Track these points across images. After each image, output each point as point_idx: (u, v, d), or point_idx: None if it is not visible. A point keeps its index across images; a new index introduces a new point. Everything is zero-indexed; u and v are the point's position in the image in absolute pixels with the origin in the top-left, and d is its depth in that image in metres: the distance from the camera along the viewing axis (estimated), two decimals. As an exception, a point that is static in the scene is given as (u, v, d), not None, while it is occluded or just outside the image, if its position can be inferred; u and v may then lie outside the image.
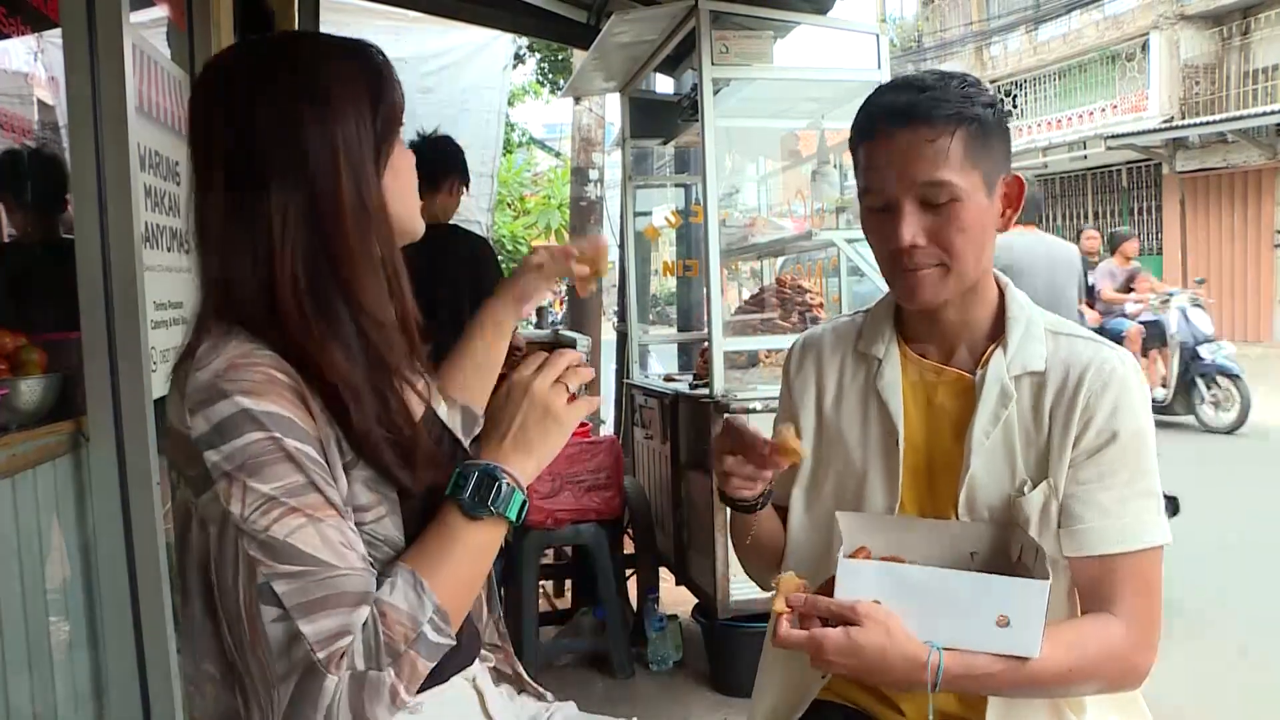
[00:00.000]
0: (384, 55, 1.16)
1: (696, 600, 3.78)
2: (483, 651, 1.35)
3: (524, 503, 1.08)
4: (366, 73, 1.12)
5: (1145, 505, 1.28)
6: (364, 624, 0.97)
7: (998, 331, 1.37)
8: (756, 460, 1.33)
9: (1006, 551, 1.30)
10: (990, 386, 1.34)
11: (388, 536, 1.07)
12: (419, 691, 1.11)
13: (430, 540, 1.06)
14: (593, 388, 5.15)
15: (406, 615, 0.99)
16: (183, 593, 1.09)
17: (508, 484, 1.06)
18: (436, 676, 1.14)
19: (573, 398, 1.14)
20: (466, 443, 1.41)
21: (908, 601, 1.17)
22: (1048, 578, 1.15)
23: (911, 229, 1.27)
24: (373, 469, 1.07)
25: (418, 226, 1.21)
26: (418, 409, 1.17)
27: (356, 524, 1.05)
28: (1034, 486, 1.31)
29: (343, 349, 1.06)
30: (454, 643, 1.03)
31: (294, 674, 0.96)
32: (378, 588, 1.01)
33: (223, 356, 1.01)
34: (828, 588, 1.20)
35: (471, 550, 1.07)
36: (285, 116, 1.06)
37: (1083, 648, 1.23)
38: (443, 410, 1.31)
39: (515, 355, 4.24)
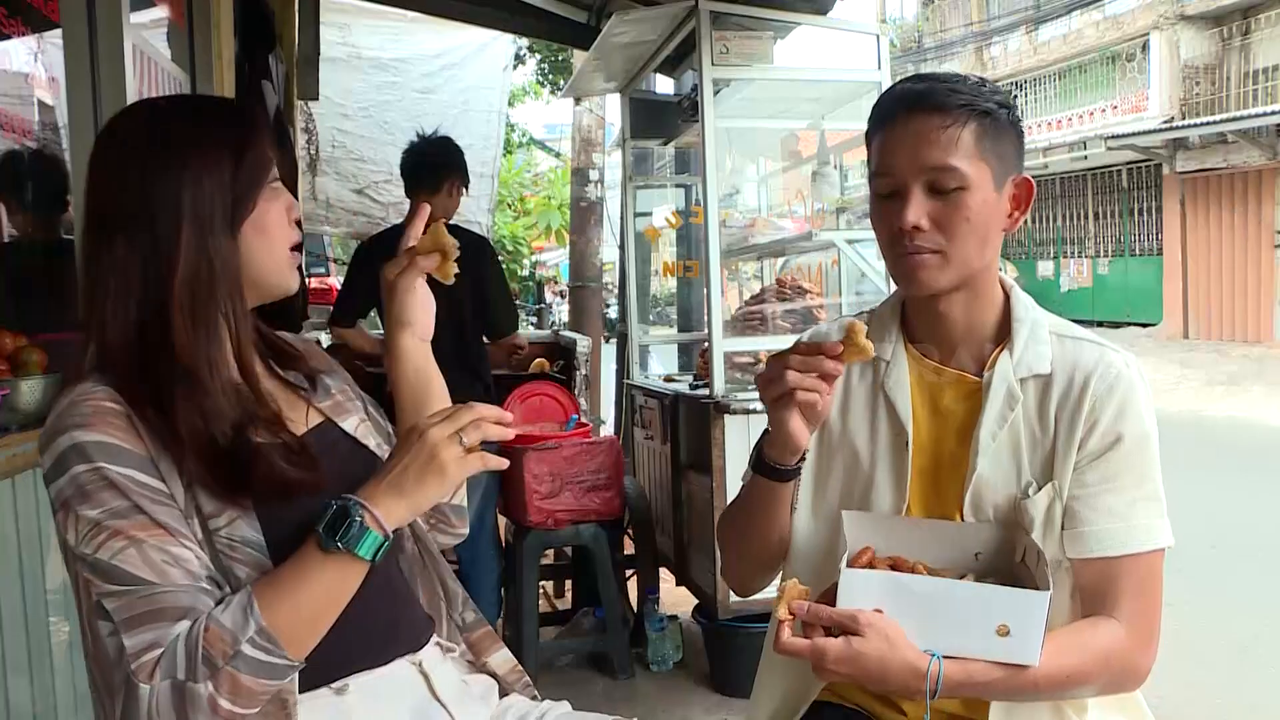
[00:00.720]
0: (261, 111, 1.23)
1: (696, 601, 3.78)
2: (444, 643, 1.36)
3: (381, 544, 1.08)
4: (230, 130, 1.20)
5: (1149, 508, 1.29)
6: (183, 636, 1.03)
7: (1003, 334, 1.37)
8: (829, 361, 1.25)
9: (1011, 553, 1.30)
10: (997, 389, 1.34)
11: (245, 537, 1.12)
12: (351, 674, 1.20)
13: (284, 566, 1.10)
14: (593, 398, 5.14)
15: (229, 633, 1.03)
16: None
17: (362, 522, 1.07)
18: (373, 659, 1.22)
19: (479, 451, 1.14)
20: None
21: (909, 610, 1.18)
22: (1048, 583, 1.16)
23: (916, 212, 1.28)
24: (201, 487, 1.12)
25: (287, 281, 1.25)
26: (299, 428, 1.24)
27: (210, 530, 1.10)
28: (1039, 488, 1.31)
29: (170, 390, 1.12)
30: (290, 663, 1.06)
31: (124, 685, 1.03)
32: (219, 604, 1.07)
33: (67, 398, 1.12)
34: (830, 595, 1.21)
35: (319, 582, 1.08)
36: (138, 174, 1.15)
37: (1083, 652, 1.24)
38: (350, 423, 1.34)
39: (518, 353, 4.20)
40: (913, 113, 1.29)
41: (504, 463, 1.19)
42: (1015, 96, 19.75)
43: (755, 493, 1.44)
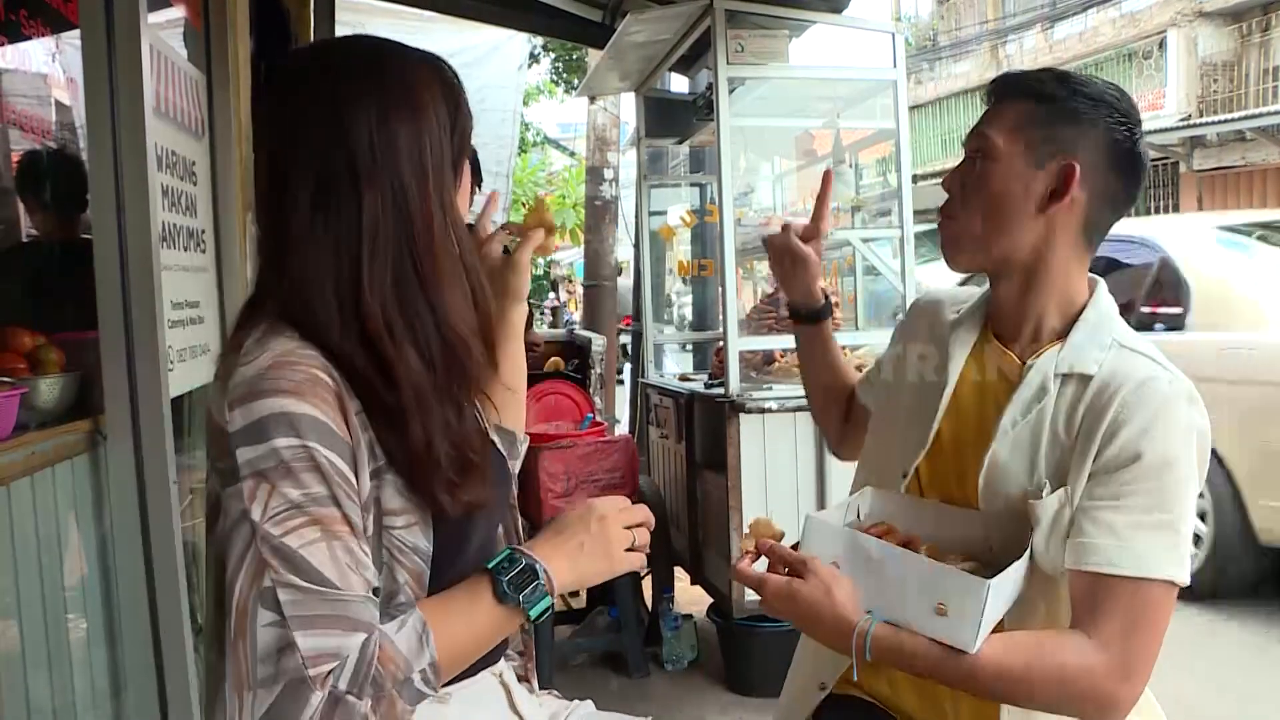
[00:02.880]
0: (455, 72, 1.17)
1: (711, 600, 3.78)
2: (508, 652, 1.37)
3: (549, 608, 1.10)
4: (447, 86, 1.14)
5: (1156, 536, 1.22)
6: (359, 650, 0.98)
7: (1068, 332, 1.37)
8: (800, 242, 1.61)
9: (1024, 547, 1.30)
10: (1031, 379, 1.34)
11: (416, 545, 1.09)
12: (450, 683, 1.16)
13: (454, 600, 1.08)
14: (607, 397, 5.13)
15: (403, 659, 1.00)
16: (211, 583, 1.11)
17: (543, 586, 1.08)
18: (467, 670, 1.17)
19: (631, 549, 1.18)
20: (513, 465, 1.42)
21: (861, 570, 1.24)
22: (1011, 577, 1.20)
23: (950, 178, 1.39)
24: (408, 483, 1.07)
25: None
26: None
27: (385, 528, 1.06)
28: (1051, 490, 1.29)
29: (420, 355, 1.07)
30: (435, 694, 1.05)
31: (279, 681, 0.96)
32: (388, 620, 1.03)
33: (269, 353, 1.02)
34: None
35: (485, 626, 1.09)
36: (380, 120, 1.06)
37: (1032, 658, 1.20)
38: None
39: (534, 351, 4.20)
40: (989, 98, 1.40)
41: (644, 565, 1.24)
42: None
43: (800, 339, 1.73)
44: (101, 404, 2.11)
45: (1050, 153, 1.32)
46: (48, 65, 3.25)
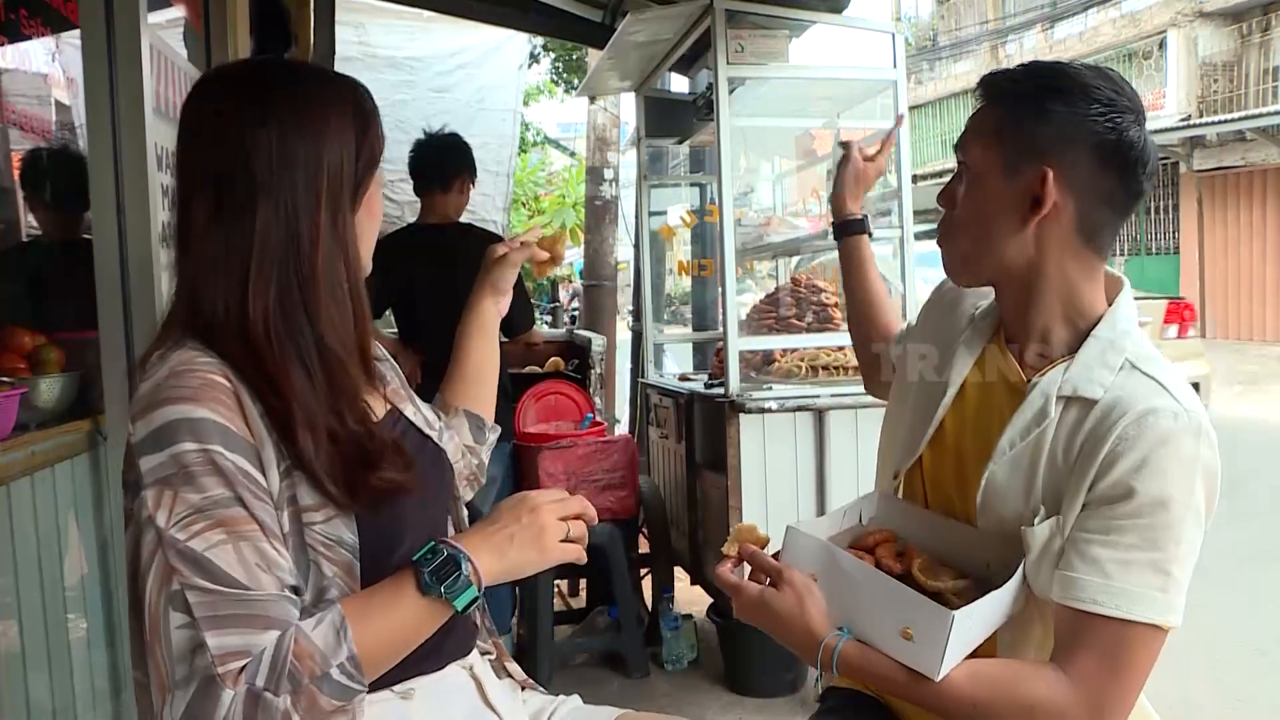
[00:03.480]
0: (371, 97, 1.20)
1: (711, 600, 3.78)
2: (480, 645, 1.36)
3: (475, 599, 1.11)
4: (356, 109, 1.16)
5: (1146, 577, 1.16)
6: (273, 646, 1.00)
7: (1077, 348, 1.30)
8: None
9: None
10: (1033, 400, 1.28)
11: (340, 538, 1.10)
12: (414, 677, 1.18)
13: (378, 593, 1.10)
14: (608, 397, 5.14)
15: (320, 653, 1.01)
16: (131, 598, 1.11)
17: (467, 576, 1.09)
18: (432, 664, 1.21)
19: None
20: (484, 451, 1.50)
21: (835, 585, 1.24)
22: (988, 605, 1.18)
23: (944, 195, 1.36)
24: (310, 483, 1.08)
25: (369, 262, 1.24)
26: (379, 414, 1.24)
27: (305, 525, 1.08)
28: (1044, 518, 1.24)
29: (302, 369, 1.10)
30: (364, 689, 1.05)
31: (193, 681, 0.99)
32: (306, 617, 1.04)
33: (167, 365, 1.05)
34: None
35: (409, 619, 1.09)
36: (278, 140, 1.09)
37: (1000, 691, 1.17)
38: (410, 410, 1.33)
39: (535, 349, 4.21)
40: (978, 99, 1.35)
41: (583, 558, 1.22)
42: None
43: (842, 252, 1.83)
44: (101, 404, 2.11)
45: (1024, 160, 1.25)
46: (48, 65, 3.26)
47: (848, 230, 1.82)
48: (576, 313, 13.01)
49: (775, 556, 1.30)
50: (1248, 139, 15.24)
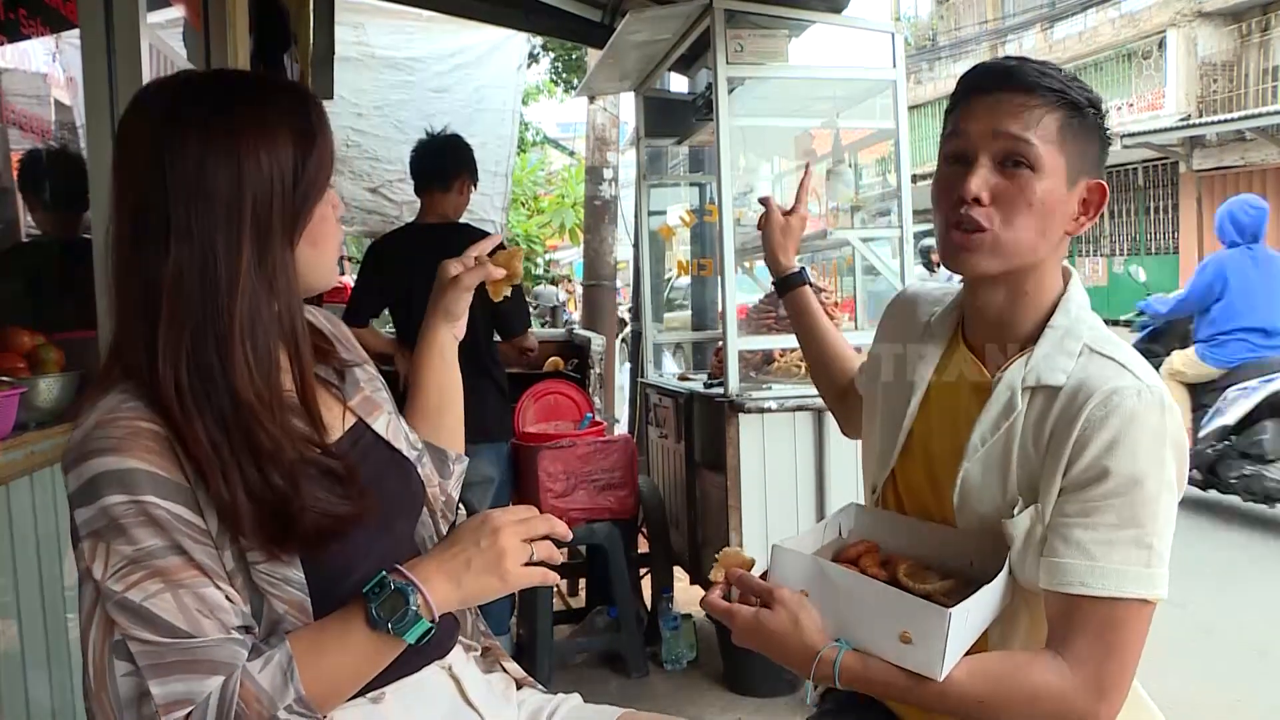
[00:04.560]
0: (318, 105, 1.12)
1: (711, 600, 3.77)
2: (466, 642, 1.34)
3: (427, 630, 1.06)
4: (297, 127, 1.08)
5: (1130, 554, 1.19)
6: (218, 692, 0.98)
7: (1037, 338, 1.32)
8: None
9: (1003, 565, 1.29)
10: (1000, 394, 1.31)
11: (286, 576, 1.07)
12: (385, 682, 1.15)
13: (326, 629, 1.07)
14: (607, 397, 5.15)
15: (267, 696, 1.00)
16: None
17: (416, 610, 1.05)
18: (406, 667, 1.17)
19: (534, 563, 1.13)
20: (451, 485, 1.41)
21: (828, 598, 1.23)
22: (980, 600, 1.18)
23: (979, 182, 1.26)
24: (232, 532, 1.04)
25: (330, 282, 1.19)
26: (334, 432, 1.18)
27: (250, 564, 1.05)
28: (1023, 508, 1.26)
29: (214, 421, 1.03)
30: None
31: None
32: (255, 657, 1.02)
33: (96, 412, 1.02)
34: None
35: (360, 655, 1.07)
36: (195, 169, 1.02)
37: (1003, 683, 1.19)
38: (381, 423, 1.27)
39: (529, 355, 4.20)
40: (1001, 85, 1.27)
41: (549, 580, 1.16)
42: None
43: (787, 307, 1.83)
44: (101, 404, 2.11)
45: (1080, 170, 1.28)
46: (47, 65, 3.26)
47: (787, 285, 1.82)
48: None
49: (763, 577, 1.29)
50: (1247, 139, 15.23)
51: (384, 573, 1.07)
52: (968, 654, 1.20)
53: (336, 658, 1.05)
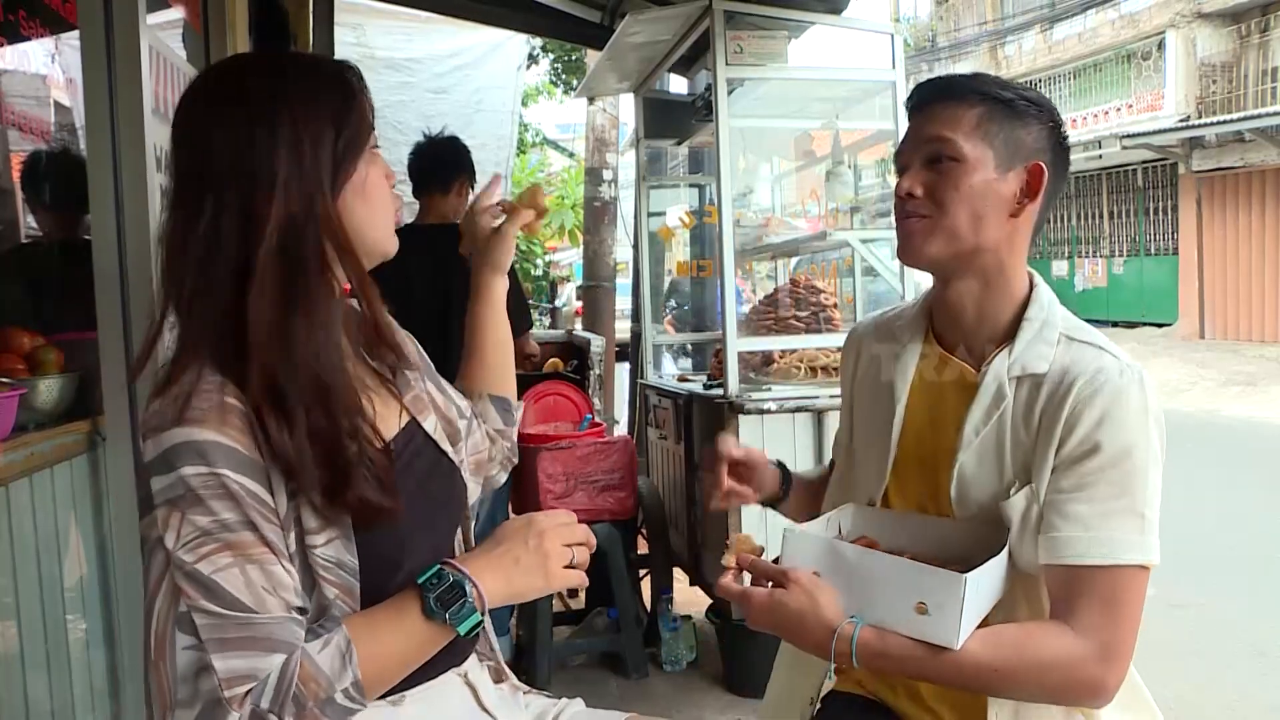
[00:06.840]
0: (356, 72, 1.16)
1: (710, 600, 3.78)
2: (479, 651, 1.36)
3: (478, 623, 1.11)
4: (329, 94, 1.12)
5: (1124, 523, 1.25)
6: (279, 670, 1.00)
7: (1014, 331, 1.38)
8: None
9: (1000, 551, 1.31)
10: (988, 385, 1.36)
11: (340, 560, 1.09)
12: (406, 686, 1.17)
13: (380, 616, 1.09)
14: (606, 398, 5.15)
15: (325, 678, 1.02)
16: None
17: (472, 603, 1.10)
18: (425, 673, 1.18)
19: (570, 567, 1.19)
20: (510, 430, 1.48)
21: (841, 577, 1.25)
22: (989, 571, 1.21)
23: (910, 180, 1.36)
24: (304, 494, 1.06)
25: (389, 247, 1.22)
26: (390, 429, 1.21)
27: (306, 547, 1.07)
28: (1018, 489, 1.31)
29: (293, 392, 1.05)
30: (364, 708, 1.05)
31: (197, 703, 0.99)
32: (313, 639, 1.04)
33: (178, 385, 1.04)
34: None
35: (413, 642, 1.10)
36: (235, 139, 1.06)
37: (1019, 650, 1.22)
38: (430, 423, 1.29)
39: (531, 360, 4.18)
40: (928, 99, 1.38)
41: (585, 583, 1.22)
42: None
43: (791, 508, 1.72)
44: (100, 405, 2.11)
45: (1014, 155, 1.34)
46: (47, 66, 3.26)
47: (779, 500, 1.73)
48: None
49: (774, 562, 1.31)
50: (1246, 140, 15.24)
51: (439, 564, 1.11)
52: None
53: (390, 645, 1.08)
